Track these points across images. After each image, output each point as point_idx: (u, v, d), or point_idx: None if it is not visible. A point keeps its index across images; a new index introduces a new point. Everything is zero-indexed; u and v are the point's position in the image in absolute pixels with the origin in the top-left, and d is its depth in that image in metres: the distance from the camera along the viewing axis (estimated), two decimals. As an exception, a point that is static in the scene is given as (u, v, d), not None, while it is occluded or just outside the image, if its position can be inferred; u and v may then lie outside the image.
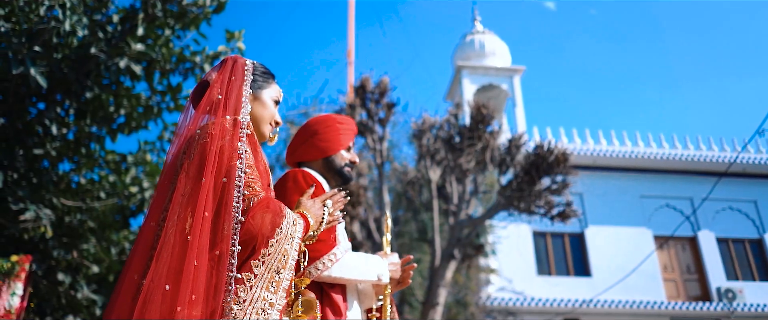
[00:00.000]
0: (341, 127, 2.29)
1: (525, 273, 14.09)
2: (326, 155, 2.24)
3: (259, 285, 1.34)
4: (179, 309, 1.18)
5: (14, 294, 6.16)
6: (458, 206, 8.12)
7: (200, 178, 1.36)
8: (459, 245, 7.85)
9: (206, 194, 1.33)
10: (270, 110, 1.77)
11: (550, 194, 7.61)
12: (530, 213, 7.74)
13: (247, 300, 1.30)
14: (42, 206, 6.43)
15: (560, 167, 7.53)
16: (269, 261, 1.38)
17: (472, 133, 7.86)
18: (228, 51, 6.94)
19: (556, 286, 14.10)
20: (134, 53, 6.14)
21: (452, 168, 8.08)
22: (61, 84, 6.19)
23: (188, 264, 1.23)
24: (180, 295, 1.19)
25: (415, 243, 11.00)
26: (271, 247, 1.40)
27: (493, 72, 16.69)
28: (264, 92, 1.77)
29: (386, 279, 2.07)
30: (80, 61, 6.01)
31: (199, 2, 6.56)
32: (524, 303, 13.50)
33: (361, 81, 8.09)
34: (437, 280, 7.68)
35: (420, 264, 10.89)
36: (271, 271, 1.37)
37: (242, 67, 1.74)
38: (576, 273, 14.70)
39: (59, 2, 5.38)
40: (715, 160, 15.37)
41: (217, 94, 1.62)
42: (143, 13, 6.29)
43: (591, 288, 13.86)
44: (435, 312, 7.58)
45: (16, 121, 6.38)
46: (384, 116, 8.15)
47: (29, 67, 5.37)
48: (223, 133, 1.46)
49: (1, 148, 6.41)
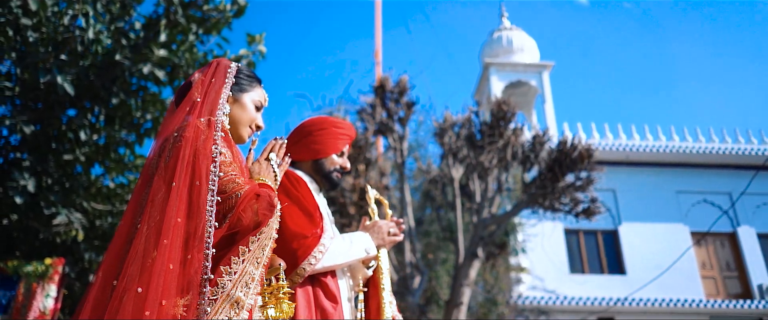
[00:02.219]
0: (336, 132, 2.29)
1: (557, 271, 13.88)
2: (316, 157, 2.25)
3: (249, 260, 1.40)
4: (148, 313, 1.19)
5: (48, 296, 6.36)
6: (481, 204, 8.05)
7: (171, 182, 1.38)
8: (482, 244, 7.78)
9: (178, 198, 1.35)
10: (249, 113, 1.77)
11: (574, 191, 7.47)
12: (554, 210, 7.62)
13: (238, 273, 1.37)
14: (73, 210, 6.61)
15: (585, 163, 7.39)
16: (263, 238, 1.45)
17: (493, 130, 7.77)
18: (249, 54, 7.03)
19: (589, 284, 13.85)
20: (157, 59, 6.26)
21: (474, 166, 8.01)
22: (89, 91, 6.36)
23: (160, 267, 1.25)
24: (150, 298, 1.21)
25: (442, 242, 10.95)
26: (267, 227, 1.46)
27: (522, 68, 16.49)
28: (245, 95, 1.77)
29: (374, 251, 2.15)
30: (106, 68, 6.17)
31: (219, 7, 6.67)
32: (557, 301, 13.30)
33: (380, 80, 8.09)
34: (461, 280, 7.62)
35: (445, 264, 10.85)
36: (260, 248, 1.43)
37: (225, 69, 1.75)
38: (610, 271, 14.42)
39: (83, 11, 5.52)
40: (754, 153, 14.88)
41: (196, 96, 1.63)
42: (165, 19, 6.42)
43: (626, 286, 13.56)
44: (459, 312, 7.52)
45: (47, 128, 6.58)
46: (404, 115, 8.14)
47: (56, 75, 5.53)
48: (198, 135, 1.47)
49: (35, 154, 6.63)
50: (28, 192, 6.01)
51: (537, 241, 13.22)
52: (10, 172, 6.25)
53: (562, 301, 13.29)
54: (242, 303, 1.33)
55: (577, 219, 7.65)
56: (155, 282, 1.22)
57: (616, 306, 13.26)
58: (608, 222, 14.71)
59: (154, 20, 6.38)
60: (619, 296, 13.30)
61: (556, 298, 13.30)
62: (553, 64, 16.62)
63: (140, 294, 1.21)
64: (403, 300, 7.62)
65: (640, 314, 13.51)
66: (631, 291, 13.14)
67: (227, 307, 1.30)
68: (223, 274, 1.34)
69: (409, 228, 8.18)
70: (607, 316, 13.50)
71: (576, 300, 13.32)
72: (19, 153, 6.74)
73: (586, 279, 14.02)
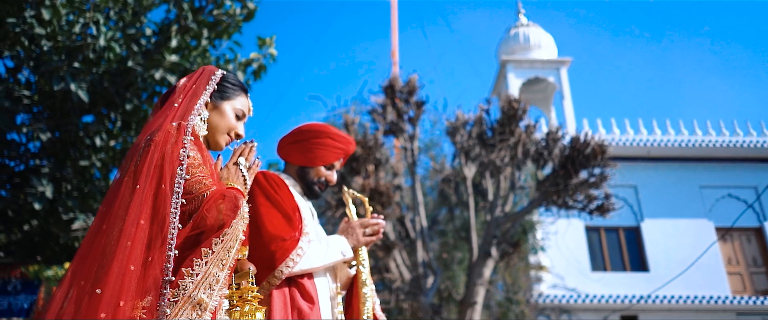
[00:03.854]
0: (331, 144, 2.26)
1: (579, 269, 13.72)
2: (304, 165, 2.26)
3: (213, 261, 1.40)
4: (103, 315, 1.21)
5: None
6: (493, 203, 7.99)
7: (136, 185, 1.40)
8: (496, 242, 7.73)
9: (142, 201, 1.37)
10: (228, 121, 1.77)
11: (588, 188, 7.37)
12: (567, 207, 7.54)
13: (200, 274, 1.37)
14: (91, 215, 6.73)
15: (598, 159, 7.29)
16: (227, 239, 1.45)
17: (503, 128, 7.71)
18: (260, 57, 7.08)
19: (611, 282, 13.67)
20: (169, 64, 6.35)
21: (487, 164, 7.96)
22: (103, 97, 6.48)
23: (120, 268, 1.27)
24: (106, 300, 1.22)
25: (459, 242, 10.90)
26: (231, 228, 1.46)
27: (539, 65, 16.34)
28: (226, 103, 1.78)
29: (350, 253, 2.15)
30: (119, 74, 6.27)
31: (229, 11, 6.73)
32: (578, 300, 13.15)
33: (389, 80, 8.09)
34: (474, 279, 7.58)
35: (462, 264, 10.79)
36: (225, 250, 1.43)
37: (208, 76, 1.77)
38: (632, 268, 14.21)
39: (93, 19, 5.62)
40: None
41: (176, 100, 1.66)
42: (177, 25, 6.50)
43: (649, 283, 13.35)
44: (473, 311, 7.48)
45: (64, 134, 6.72)
46: (414, 115, 8.12)
47: (69, 82, 5.64)
48: (167, 139, 1.49)
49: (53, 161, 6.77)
50: (47, 198, 6.13)
51: (556, 239, 13.09)
52: (29, 179, 6.39)
53: (584, 299, 13.14)
54: (205, 304, 1.34)
55: (591, 216, 7.56)
56: (113, 283, 1.24)
57: (639, 304, 13.07)
58: (630, 219, 14.51)
59: (165, 26, 6.47)
60: (643, 294, 13.10)
61: (578, 296, 13.16)
62: (571, 59, 16.45)
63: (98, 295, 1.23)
64: (415, 300, 7.60)
65: (665, 312, 13.30)
66: (655, 288, 12.93)
67: (189, 309, 1.31)
68: (184, 276, 1.35)
69: (421, 227, 8.17)
70: (630, 314, 13.32)
71: (598, 298, 13.16)
72: (38, 160, 6.89)
73: (609, 277, 13.84)
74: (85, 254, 1.33)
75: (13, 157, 6.73)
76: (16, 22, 5.62)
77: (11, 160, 6.83)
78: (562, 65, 16.35)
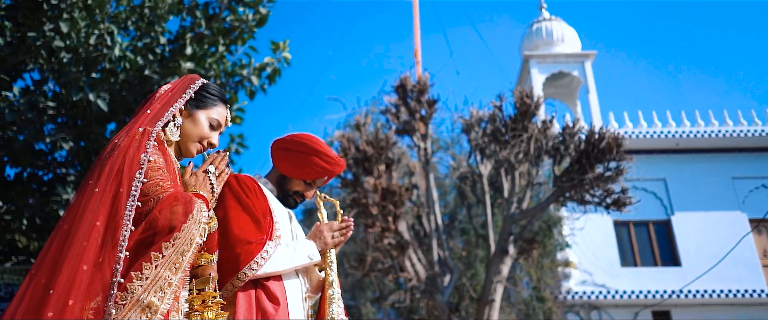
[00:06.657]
0: (317, 163, 2.24)
1: (608, 265, 13.50)
2: (285, 174, 2.28)
3: (164, 264, 1.42)
4: (50, 314, 1.25)
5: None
6: (508, 199, 7.93)
7: (95, 189, 1.45)
8: (512, 239, 7.67)
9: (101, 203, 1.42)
10: (201, 130, 1.80)
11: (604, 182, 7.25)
12: (583, 202, 7.43)
13: (150, 278, 1.39)
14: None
15: (613, 153, 7.17)
16: (179, 243, 1.47)
17: (516, 124, 7.65)
18: (274, 62, 7.17)
19: (642, 277, 13.41)
20: (184, 72, 6.49)
21: (501, 161, 7.90)
22: (123, 106, 6.66)
23: (71, 268, 1.31)
24: (54, 298, 1.27)
25: (479, 240, 10.83)
26: (182, 232, 1.48)
27: (563, 59, 16.12)
28: (201, 112, 1.81)
29: (317, 257, 2.16)
30: (136, 83, 6.44)
31: (242, 17, 6.84)
32: (608, 296, 12.95)
33: (400, 80, 8.10)
34: (492, 276, 7.54)
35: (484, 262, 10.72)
36: (178, 253, 1.45)
37: (187, 84, 1.81)
38: (663, 263, 13.92)
39: (108, 30, 5.78)
40: (817, 134, 14.08)
41: (149, 107, 1.72)
42: (191, 33, 6.65)
43: (681, 278, 13.05)
44: (492, 309, 7.43)
45: (88, 143, 6.93)
46: (426, 113, 8.12)
47: (88, 92, 5.82)
48: (131, 144, 1.54)
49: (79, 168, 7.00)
50: (71, 205, 6.33)
51: (583, 235, 12.90)
52: (55, 187, 6.60)
53: (614, 295, 12.93)
54: (155, 307, 1.37)
55: (607, 211, 7.44)
56: (64, 282, 1.29)
57: (671, 299, 12.80)
58: (660, 213, 14.22)
59: (180, 34, 6.61)
60: (675, 288, 12.82)
61: (608, 292, 12.95)
62: (595, 53, 16.19)
63: (48, 295, 1.28)
64: (432, 299, 7.59)
65: (698, 306, 13.00)
66: (687, 282, 12.64)
67: (138, 311, 1.34)
68: (133, 280, 1.38)
69: (436, 226, 8.15)
70: (662, 310, 13.05)
71: (628, 294, 12.93)
72: (64, 168, 7.11)
73: (639, 272, 13.58)
74: (44, 253, 1.38)
75: (40, 166, 6.96)
76: (36, 36, 5.82)
77: (39, 170, 7.07)
78: (586, 59, 16.11)
